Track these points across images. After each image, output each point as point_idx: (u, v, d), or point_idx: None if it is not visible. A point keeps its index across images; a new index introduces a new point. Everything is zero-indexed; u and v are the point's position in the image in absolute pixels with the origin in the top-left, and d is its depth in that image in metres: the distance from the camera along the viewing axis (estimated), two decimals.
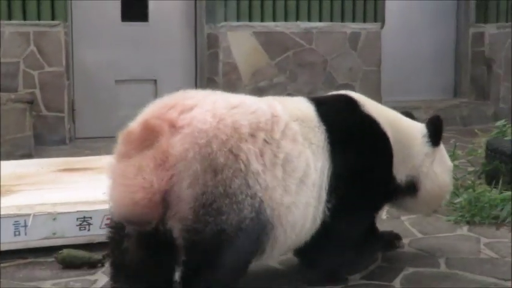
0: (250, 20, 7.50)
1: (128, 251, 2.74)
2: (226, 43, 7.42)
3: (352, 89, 7.71)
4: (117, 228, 2.76)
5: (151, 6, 7.55)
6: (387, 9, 8.18)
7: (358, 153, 3.19)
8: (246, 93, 8.24)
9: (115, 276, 2.84)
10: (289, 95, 3.09)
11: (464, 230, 4.14)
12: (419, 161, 3.48)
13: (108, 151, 2.85)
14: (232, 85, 7.45)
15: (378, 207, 3.49)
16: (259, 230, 2.70)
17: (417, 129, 3.55)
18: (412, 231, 4.04)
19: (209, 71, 7.60)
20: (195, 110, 2.66)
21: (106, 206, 3.65)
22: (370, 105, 3.37)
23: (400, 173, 3.41)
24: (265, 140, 2.75)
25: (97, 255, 3.49)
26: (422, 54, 8.76)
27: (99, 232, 3.61)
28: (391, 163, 3.36)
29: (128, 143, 2.65)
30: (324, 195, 3.00)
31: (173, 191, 2.57)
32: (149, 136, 2.59)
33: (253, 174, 2.66)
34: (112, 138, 2.74)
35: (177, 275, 2.74)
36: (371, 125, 3.30)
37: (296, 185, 2.83)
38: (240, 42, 7.47)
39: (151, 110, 2.73)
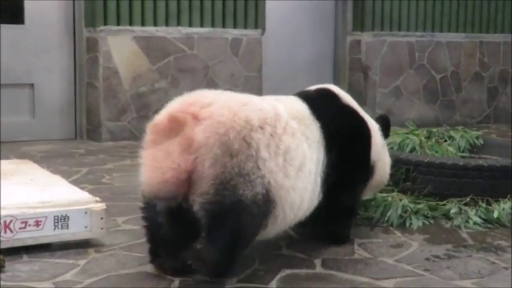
0: (130, 24, 7.42)
1: (161, 225, 3.27)
2: (106, 47, 7.31)
3: None
4: (150, 208, 3.30)
5: (28, 8, 7.33)
6: (268, 16, 8.31)
7: (350, 144, 3.83)
8: (127, 98, 8.01)
9: (153, 252, 3.41)
10: (170, 100, 3.29)
11: None
12: (378, 148, 4.07)
13: None
14: (112, 90, 7.35)
15: (365, 185, 4.07)
16: (268, 205, 3.22)
17: (374, 122, 4.16)
18: (290, 233, 4.11)
19: (89, 75, 7.47)
20: (213, 106, 3.17)
21: None
22: (349, 100, 4.06)
23: (372, 157, 4.01)
24: (270, 134, 3.26)
25: None
26: (301, 60, 8.95)
27: None
28: (370, 148, 3.99)
29: (156, 132, 3.15)
30: (319, 181, 3.58)
31: (196, 170, 3.06)
32: (175, 126, 3.09)
33: (262, 159, 3.18)
34: None
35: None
36: (356, 118, 4.00)
37: (295, 171, 3.35)
38: (120, 46, 7.38)
39: (173, 106, 3.24)
